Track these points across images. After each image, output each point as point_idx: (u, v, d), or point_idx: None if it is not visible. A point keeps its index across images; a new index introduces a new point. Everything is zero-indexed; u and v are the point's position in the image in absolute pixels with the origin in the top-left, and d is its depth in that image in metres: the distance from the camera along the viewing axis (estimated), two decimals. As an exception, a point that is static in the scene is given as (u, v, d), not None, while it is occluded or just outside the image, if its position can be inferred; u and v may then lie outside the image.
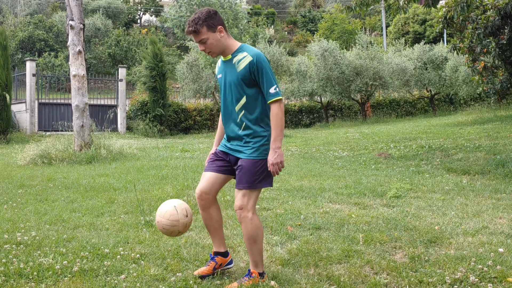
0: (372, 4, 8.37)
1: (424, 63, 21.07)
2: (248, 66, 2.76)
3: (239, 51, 2.82)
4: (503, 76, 9.31)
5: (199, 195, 2.93)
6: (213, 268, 2.96)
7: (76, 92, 9.41)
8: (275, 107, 2.74)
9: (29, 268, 3.07)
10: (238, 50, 2.83)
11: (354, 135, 13.03)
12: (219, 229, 3.01)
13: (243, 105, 2.82)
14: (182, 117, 19.75)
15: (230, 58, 2.85)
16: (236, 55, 2.82)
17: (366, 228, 3.96)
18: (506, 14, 8.53)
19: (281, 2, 50.11)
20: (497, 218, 4.20)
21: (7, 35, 15.12)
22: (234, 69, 2.81)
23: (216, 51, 2.82)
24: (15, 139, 14.60)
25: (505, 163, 6.49)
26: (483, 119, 14.30)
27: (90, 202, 5.22)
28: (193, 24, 2.77)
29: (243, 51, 2.81)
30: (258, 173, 2.78)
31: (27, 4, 36.67)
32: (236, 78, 2.80)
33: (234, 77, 2.81)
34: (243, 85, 2.80)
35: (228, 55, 2.86)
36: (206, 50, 2.82)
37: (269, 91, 2.74)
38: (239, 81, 2.80)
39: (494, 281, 2.82)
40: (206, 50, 2.82)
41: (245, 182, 2.78)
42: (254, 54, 2.77)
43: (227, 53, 2.85)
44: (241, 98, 2.82)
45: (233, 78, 2.82)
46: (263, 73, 2.75)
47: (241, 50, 2.82)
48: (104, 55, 31.72)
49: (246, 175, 2.78)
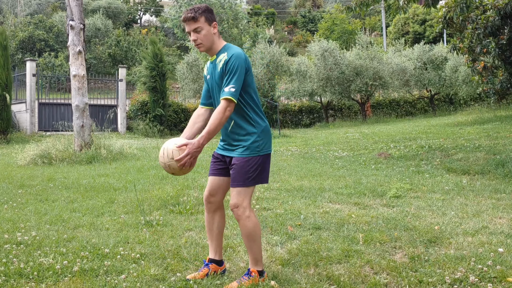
0: (372, 4, 8.37)
1: (424, 63, 21.08)
2: (224, 66, 2.78)
3: (222, 51, 2.84)
4: (503, 76, 9.32)
5: (206, 198, 2.98)
6: (205, 274, 2.95)
7: (76, 92, 9.42)
8: (222, 104, 2.72)
9: (30, 268, 3.08)
10: (221, 51, 2.84)
11: (354, 135, 13.04)
12: (219, 236, 3.02)
13: None
14: (182, 117, 19.76)
15: (215, 58, 2.86)
16: (219, 55, 2.84)
17: (366, 228, 3.96)
18: (506, 14, 8.54)
19: (281, 2, 50.13)
20: (497, 218, 4.20)
21: (7, 35, 15.13)
22: (217, 70, 2.83)
23: (206, 44, 2.82)
24: (15, 139, 14.61)
25: (505, 163, 6.49)
26: (483, 119, 14.31)
27: (90, 202, 5.23)
28: (193, 11, 2.78)
29: (225, 51, 2.82)
30: (251, 171, 2.79)
31: (27, 4, 36.68)
32: (218, 78, 2.82)
33: (216, 78, 2.83)
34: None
35: (214, 56, 2.87)
36: (197, 41, 2.80)
37: (224, 89, 2.73)
38: (220, 81, 2.81)
39: (493, 281, 2.82)
40: (197, 41, 2.80)
41: (239, 180, 2.79)
42: (231, 53, 2.77)
43: (213, 51, 2.86)
44: None
45: (216, 78, 2.84)
46: (231, 71, 2.73)
47: (224, 50, 2.83)
48: (104, 55, 31.73)
49: (240, 173, 2.79)
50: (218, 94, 2.84)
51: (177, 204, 4.89)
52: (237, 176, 2.80)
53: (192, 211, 4.65)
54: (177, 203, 4.92)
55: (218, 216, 2.99)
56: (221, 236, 3.03)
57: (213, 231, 2.99)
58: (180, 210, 4.67)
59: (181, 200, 5.04)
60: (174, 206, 4.82)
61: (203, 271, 2.96)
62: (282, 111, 21.20)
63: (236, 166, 2.81)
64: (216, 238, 3.00)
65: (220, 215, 3.00)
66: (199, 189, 5.75)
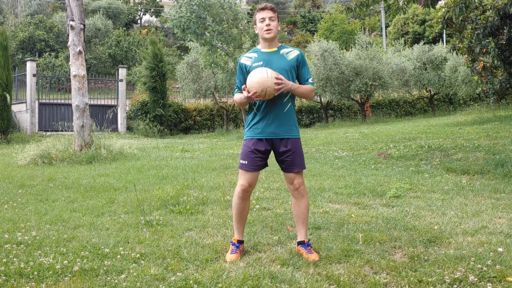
0: (372, 5, 8.36)
1: (423, 63, 21.09)
2: (298, 58, 3.37)
3: (283, 47, 3.40)
4: (502, 76, 9.32)
5: (245, 188, 3.39)
6: (240, 254, 3.33)
7: (76, 92, 9.43)
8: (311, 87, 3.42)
9: (30, 267, 3.08)
10: (281, 47, 3.40)
11: (354, 135, 13.05)
12: (245, 220, 3.50)
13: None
14: (182, 117, 19.76)
15: (276, 50, 3.36)
16: (281, 48, 3.38)
17: (365, 228, 3.97)
18: (505, 14, 8.54)
19: (281, 3, 50.13)
20: (496, 218, 4.21)
21: (7, 35, 15.13)
22: (285, 59, 3.34)
23: (274, 32, 3.33)
24: (15, 139, 14.61)
25: (504, 163, 6.50)
26: (482, 119, 14.32)
27: (90, 202, 5.23)
28: (272, 5, 3.35)
29: (287, 48, 3.40)
30: (303, 152, 3.46)
31: (27, 4, 36.68)
32: (288, 65, 3.34)
33: (285, 65, 3.33)
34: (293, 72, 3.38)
35: (274, 48, 3.37)
36: (270, 26, 3.31)
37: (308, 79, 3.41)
38: (291, 68, 3.34)
39: (493, 281, 2.83)
40: (270, 26, 3.31)
41: (301, 163, 3.43)
42: (299, 51, 3.40)
43: (274, 44, 3.38)
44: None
45: (284, 65, 3.33)
46: (306, 65, 3.41)
47: (284, 47, 3.41)
48: (104, 56, 31.74)
49: (300, 156, 3.42)
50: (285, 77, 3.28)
51: (177, 204, 4.89)
52: (298, 159, 3.37)
53: (192, 211, 4.65)
54: (177, 203, 4.93)
55: (248, 203, 3.46)
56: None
57: (244, 215, 3.44)
58: (180, 210, 4.68)
59: (181, 200, 5.05)
60: (174, 206, 4.83)
61: (238, 252, 3.32)
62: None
63: (295, 149, 3.34)
64: (244, 221, 3.46)
65: (248, 202, 3.47)
66: (199, 189, 5.75)
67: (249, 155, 3.32)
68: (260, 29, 3.33)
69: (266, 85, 3.15)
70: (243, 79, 3.38)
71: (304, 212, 3.39)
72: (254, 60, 3.36)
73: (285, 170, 3.39)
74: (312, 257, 3.22)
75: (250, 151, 3.32)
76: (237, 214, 3.42)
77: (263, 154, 3.33)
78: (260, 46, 3.43)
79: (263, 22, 3.31)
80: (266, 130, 3.31)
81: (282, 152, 3.33)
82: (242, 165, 3.35)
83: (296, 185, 3.36)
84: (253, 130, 3.35)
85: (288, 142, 3.32)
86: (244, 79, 3.36)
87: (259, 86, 3.16)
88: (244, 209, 3.42)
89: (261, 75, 3.17)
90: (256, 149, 3.31)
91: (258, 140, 3.32)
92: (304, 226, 3.39)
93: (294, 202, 3.45)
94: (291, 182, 3.37)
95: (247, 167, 3.32)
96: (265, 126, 3.31)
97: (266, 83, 3.15)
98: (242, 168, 3.36)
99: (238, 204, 3.39)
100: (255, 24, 3.39)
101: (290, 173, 3.36)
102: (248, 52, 3.45)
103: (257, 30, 3.36)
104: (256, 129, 3.33)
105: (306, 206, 3.39)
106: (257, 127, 3.33)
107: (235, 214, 3.44)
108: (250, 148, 3.32)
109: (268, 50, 3.37)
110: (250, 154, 3.32)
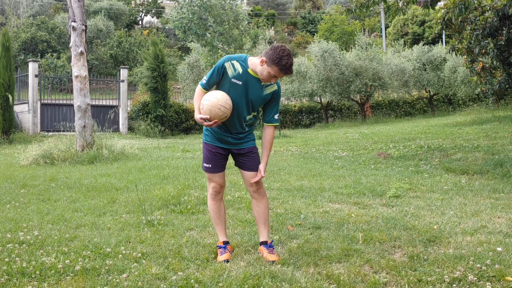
0: (372, 6, 8.38)
1: (423, 64, 21.10)
2: (275, 93, 3.32)
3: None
4: (501, 77, 9.35)
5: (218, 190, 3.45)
6: (230, 254, 3.36)
7: (78, 93, 9.45)
8: (273, 130, 3.41)
9: (32, 267, 3.10)
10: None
11: (354, 135, 13.06)
12: (224, 220, 3.51)
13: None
14: (183, 117, 19.78)
15: (258, 78, 3.23)
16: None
17: (365, 228, 3.99)
18: (504, 15, 8.57)
19: (281, 4, 50.16)
20: (496, 218, 4.23)
21: (10, 36, 15.16)
22: (263, 90, 3.27)
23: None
24: (17, 139, 14.64)
25: (503, 163, 6.52)
26: (482, 120, 14.32)
27: (92, 201, 5.26)
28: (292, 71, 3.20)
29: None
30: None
31: (29, 5, 36.74)
32: (261, 96, 3.28)
33: (260, 93, 3.27)
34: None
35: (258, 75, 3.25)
36: (272, 80, 3.19)
37: (275, 116, 3.37)
38: (261, 99, 3.29)
39: (492, 280, 2.84)
40: (272, 80, 3.19)
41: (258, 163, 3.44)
42: (278, 85, 3.34)
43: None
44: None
45: (258, 93, 3.27)
46: (278, 101, 3.38)
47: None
48: (106, 56, 31.77)
49: (258, 158, 3.46)
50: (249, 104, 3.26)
51: (178, 204, 4.92)
52: (258, 159, 3.39)
53: (193, 211, 4.68)
54: (178, 203, 4.96)
55: (223, 203, 3.51)
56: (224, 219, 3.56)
57: (222, 216, 3.47)
58: (181, 210, 4.71)
59: (182, 200, 5.07)
60: (175, 206, 4.85)
61: (228, 252, 3.35)
62: (282, 112, 21.23)
63: (254, 153, 3.39)
64: (224, 222, 3.48)
65: (223, 202, 3.52)
66: (200, 188, 5.78)
67: (212, 157, 3.37)
68: (264, 74, 3.14)
69: (216, 114, 3.10)
70: (214, 82, 3.25)
71: (265, 213, 3.41)
72: (236, 76, 3.20)
73: (244, 169, 3.39)
74: (272, 258, 3.23)
75: (212, 154, 3.37)
76: (214, 216, 3.46)
77: (224, 154, 3.39)
78: (251, 64, 3.21)
79: (273, 77, 3.15)
80: (223, 139, 3.34)
81: (241, 153, 3.38)
82: (208, 168, 3.38)
83: (255, 186, 3.37)
84: (212, 136, 3.37)
85: (245, 149, 3.37)
86: (216, 82, 3.25)
87: (209, 114, 3.11)
88: (220, 210, 3.46)
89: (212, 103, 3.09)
90: (217, 152, 3.37)
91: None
92: (265, 227, 3.42)
93: (254, 203, 3.45)
94: (251, 184, 3.37)
95: (213, 169, 3.38)
96: (223, 136, 3.33)
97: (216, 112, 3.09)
98: (208, 172, 3.40)
99: (214, 206, 3.45)
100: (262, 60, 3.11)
101: (250, 173, 3.36)
102: (238, 59, 3.23)
103: (261, 64, 3.11)
104: (215, 135, 3.36)
105: (266, 207, 3.42)
106: (215, 135, 3.36)
107: (213, 217, 3.48)
108: (212, 152, 3.37)
109: (253, 74, 3.22)
110: (213, 157, 3.37)
